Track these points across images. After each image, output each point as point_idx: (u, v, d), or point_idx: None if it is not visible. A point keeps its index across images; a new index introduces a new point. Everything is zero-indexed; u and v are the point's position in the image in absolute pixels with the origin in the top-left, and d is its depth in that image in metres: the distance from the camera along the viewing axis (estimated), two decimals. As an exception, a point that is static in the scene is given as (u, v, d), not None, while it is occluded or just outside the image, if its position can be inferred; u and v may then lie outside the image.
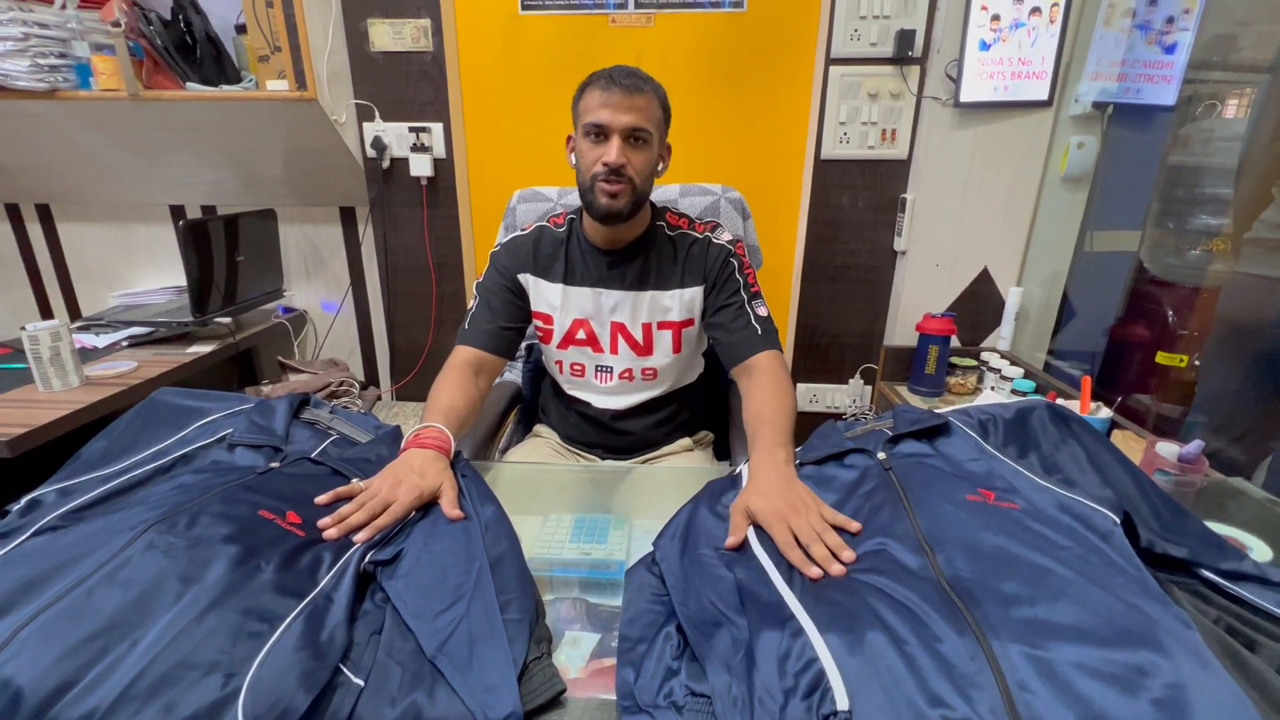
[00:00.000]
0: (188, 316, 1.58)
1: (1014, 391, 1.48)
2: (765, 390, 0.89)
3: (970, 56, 1.48)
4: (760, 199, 1.34)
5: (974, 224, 1.63)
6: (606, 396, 1.10)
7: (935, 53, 1.53)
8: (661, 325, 1.03)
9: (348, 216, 1.87)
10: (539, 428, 1.26)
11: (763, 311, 0.99)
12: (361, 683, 0.48)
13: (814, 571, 0.56)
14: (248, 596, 0.52)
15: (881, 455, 0.67)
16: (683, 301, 1.01)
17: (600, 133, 0.89)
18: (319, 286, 1.96)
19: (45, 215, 1.97)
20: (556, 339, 1.06)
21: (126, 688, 0.42)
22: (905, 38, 1.52)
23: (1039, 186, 1.59)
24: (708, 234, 1.02)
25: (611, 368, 1.07)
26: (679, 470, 1.06)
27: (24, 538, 0.59)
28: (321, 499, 0.66)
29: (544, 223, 1.06)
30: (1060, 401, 1.21)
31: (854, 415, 1.03)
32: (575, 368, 1.09)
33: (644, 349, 1.05)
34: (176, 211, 1.93)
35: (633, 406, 1.10)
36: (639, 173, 0.91)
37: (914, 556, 0.54)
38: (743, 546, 0.62)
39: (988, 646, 0.43)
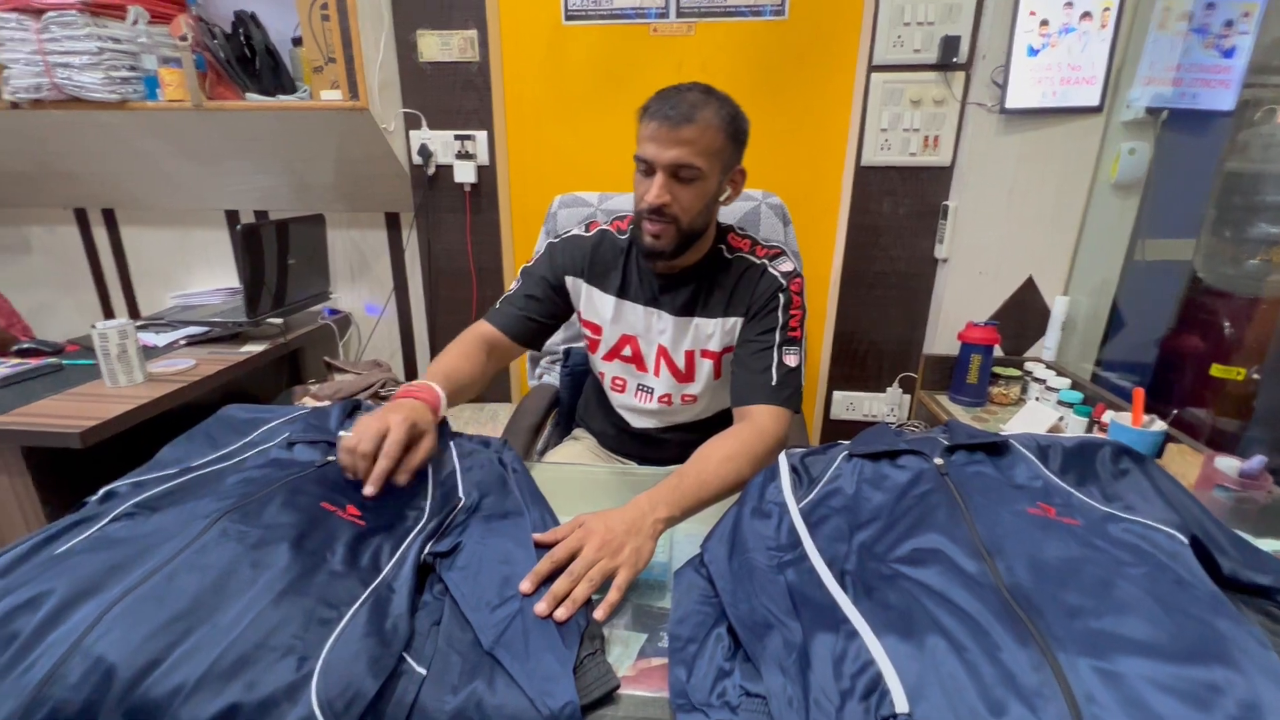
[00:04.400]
0: (242, 317, 1.64)
1: (1060, 403, 1.44)
2: (733, 444, 0.80)
3: (1017, 62, 1.46)
4: (799, 205, 1.34)
5: (1019, 231, 1.60)
6: (645, 417, 1.09)
7: (980, 59, 1.51)
8: (704, 353, 1.00)
9: (392, 222, 1.93)
10: (577, 431, 1.27)
11: (791, 361, 0.90)
12: (424, 671, 0.50)
13: (539, 601, 0.56)
14: (316, 583, 0.54)
15: (938, 461, 0.66)
16: (724, 330, 0.97)
17: (647, 167, 0.85)
18: (363, 289, 2.01)
19: (110, 220, 2.07)
20: (602, 351, 1.05)
21: (210, 666, 0.44)
22: (950, 44, 1.50)
23: (1088, 193, 1.55)
24: (765, 261, 0.96)
25: (653, 389, 1.04)
26: None
27: (104, 523, 0.62)
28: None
29: (607, 226, 1.02)
30: (1110, 414, 1.18)
31: (903, 424, 1.02)
32: (617, 382, 1.08)
33: (685, 375, 1.02)
34: (231, 216, 2.01)
35: (671, 427, 1.09)
36: (686, 210, 0.85)
37: (972, 562, 0.53)
38: (792, 549, 0.62)
39: (1053, 658, 0.43)
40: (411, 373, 2.08)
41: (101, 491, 0.70)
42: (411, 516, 0.68)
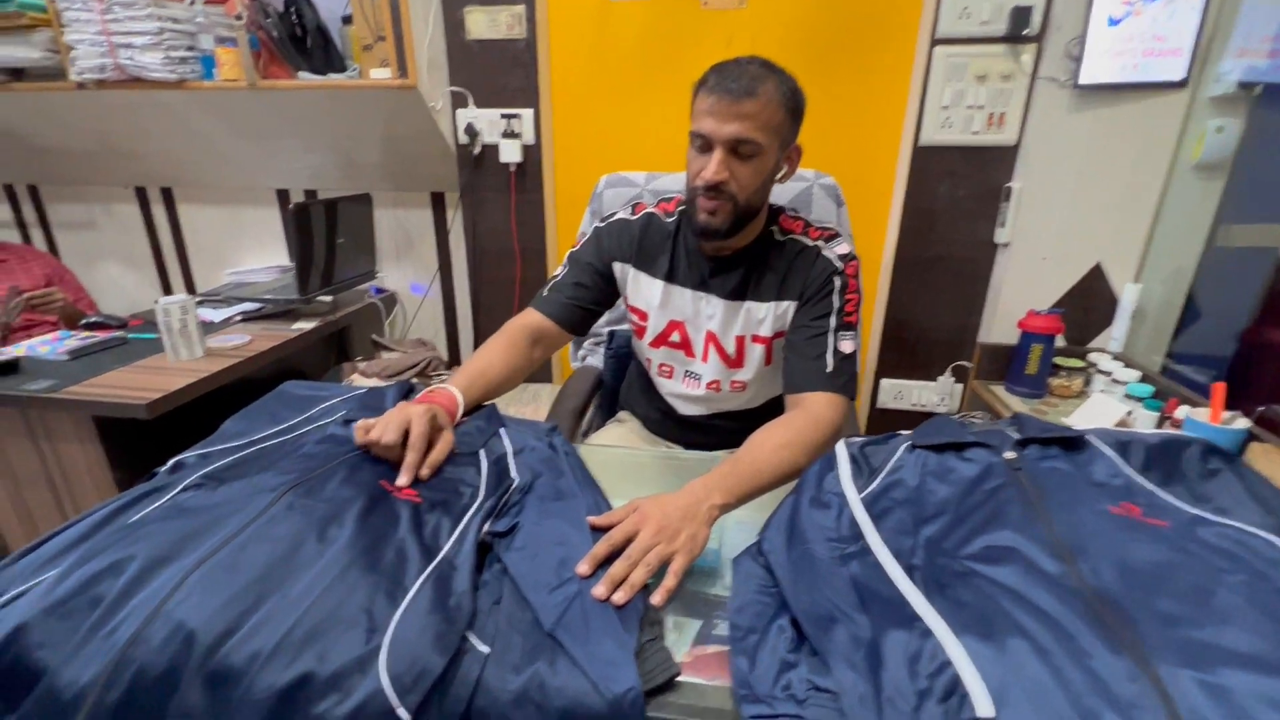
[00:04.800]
0: (293, 295, 1.68)
1: (1128, 396, 1.37)
2: (787, 431, 0.79)
3: (1095, 33, 1.37)
4: (852, 186, 1.29)
5: (1087, 215, 1.51)
6: (692, 404, 1.07)
7: (1054, 30, 1.42)
8: (755, 339, 0.97)
9: (437, 202, 1.94)
10: (622, 414, 1.26)
11: (846, 347, 0.88)
12: (487, 650, 0.50)
13: (597, 585, 0.55)
14: (380, 559, 0.55)
15: (1010, 455, 0.63)
16: (776, 314, 0.94)
17: (704, 142, 0.82)
18: (408, 269, 2.04)
19: (168, 198, 2.13)
20: (649, 336, 1.03)
21: (284, 636, 0.45)
22: (1021, 15, 1.42)
23: (1166, 175, 1.46)
24: (820, 243, 0.92)
25: (700, 375, 1.02)
26: None
27: (175, 492, 0.64)
28: (423, 473, 0.69)
29: (654, 209, 1.00)
30: (1185, 409, 1.11)
31: (966, 416, 0.97)
32: (664, 368, 1.06)
33: (735, 361, 1.00)
34: (281, 196, 2.05)
35: (718, 414, 1.07)
36: (744, 188, 0.83)
37: (1052, 562, 0.51)
38: (854, 541, 0.60)
39: (1151, 668, 0.40)
40: (454, 352, 2.11)
41: (171, 462, 0.73)
42: (467, 494, 0.68)
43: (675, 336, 1.01)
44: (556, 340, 1.01)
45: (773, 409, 1.09)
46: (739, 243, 0.93)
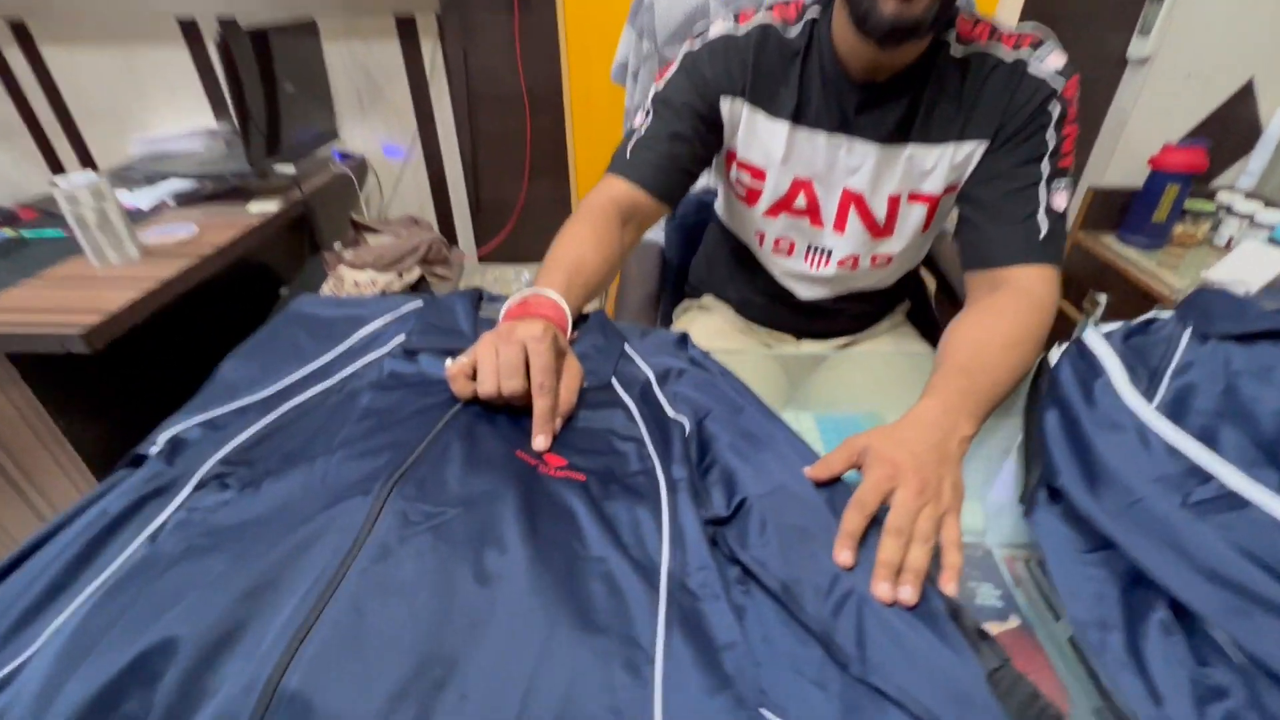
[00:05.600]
0: (240, 166, 1.27)
1: (1273, 241, 1.20)
2: (1010, 324, 0.60)
3: None
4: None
5: (1244, 18, 1.22)
6: (816, 285, 0.83)
7: None
8: (915, 196, 0.71)
9: (407, 30, 1.47)
10: (706, 299, 1.00)
11: (1060, 202, 0.65)
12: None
13: (874, 581, 0.37)
14: (585, 598, 0.34)
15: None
16: (953, 162, 0.68)
17: None
18: (377, 124, 1.60)
19: (23, 38, 1.57)
20: (765, 203, 0.76)
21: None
22: None
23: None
24: (1023, 54, 0.64)
25: (831, 251, 0.77)
26: (892, 356, 0.83)
27: (187, 495, 0.40)
28: (539, 444, 0.46)
29: (770, 19, 0.69)
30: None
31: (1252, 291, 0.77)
32: (781, 244, 0.80)
33: (883, 229, 0.74)
34: (188, 30, 1.53)
35: (847, 296, 0.84)
36: None
37: None
38: (1196, 480, 0.41)
39: None
40: (448, 231, 1.75)
41: (162, 439, 0.46)
42: (631, 453, 0.45)
43: (800, 200, 0.75)
44: (650, 216, 0.75)
45: (905, 285, 0.88)
46: (904, 56, 0.63)
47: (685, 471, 0.44)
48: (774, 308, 0.90)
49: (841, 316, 0.88)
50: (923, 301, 0.99)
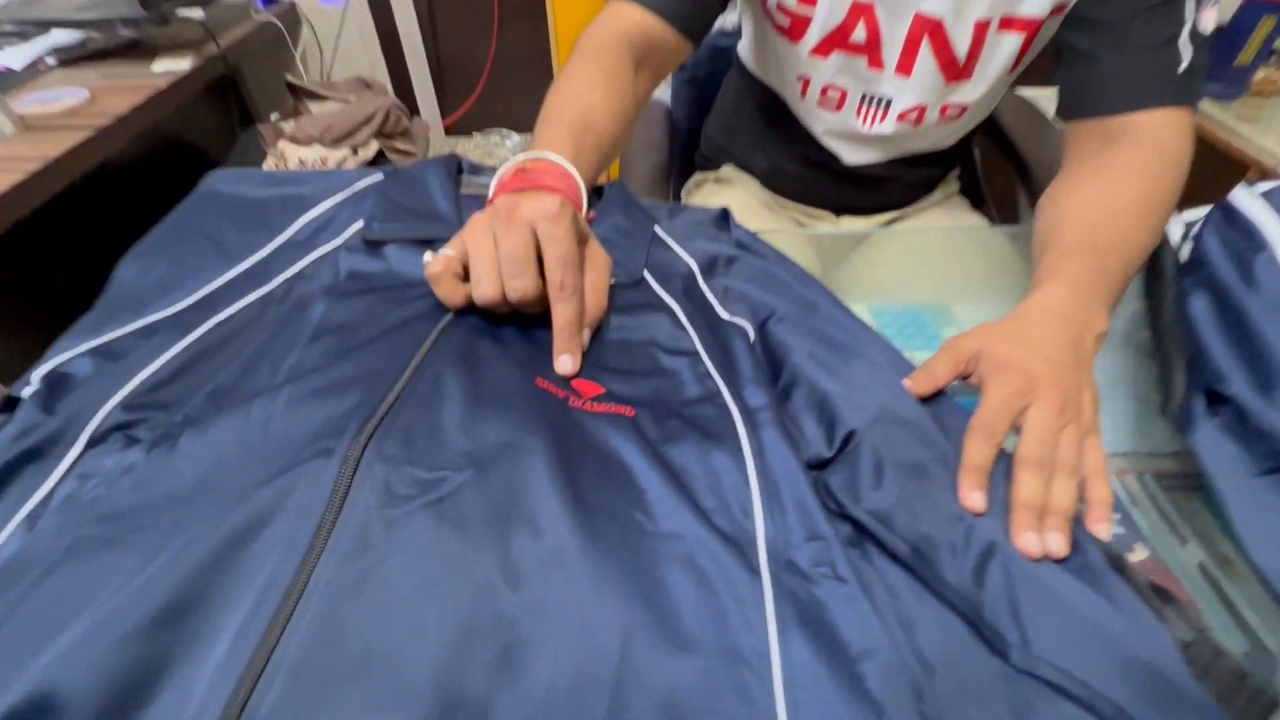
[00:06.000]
0: (132, 9, 1.01)
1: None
2: (1143, 183, 0.46)
3: None
4: None
5: None
6: (867, 147, 0.67)
7: None
8: (1007, 23, 0.55)
9: None
10: (726, 170, 0.84)
11: (1208, 22, 0.49)
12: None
13: (1017, 531, 0.28)
14: (664, 601, 0.24)
15: None
16: None
17: None
18: (304, -42, 1.30)
19: None
20: (814, 36, 0.60)
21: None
22: None
23: None
24: None
25: (891, 101, 0.62)
26: (948, 233, 0.69)
27: (74, 461, 0.28)
28: (565, 368, 0.34)
29: None
30: None
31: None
32: (829, 94, 0.64)
33: (962, 69, 0.58)
34: None
35: (901, 159, 0.69)
36: None
37: None
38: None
39: None
40: (407, 97, 1.49)
41: (38, 377, 0.32)
42: (689, 378, 0.34)
43: (860, 33, 0.58)
44: (670, 57, 0.59)
45: (963, 145, 0.72)
46: None
47: (764, 396, 0.33)
48: (811, 176, 0.75)
49: (893, 186, 0.73)
50: (970, 167, 0.84)
